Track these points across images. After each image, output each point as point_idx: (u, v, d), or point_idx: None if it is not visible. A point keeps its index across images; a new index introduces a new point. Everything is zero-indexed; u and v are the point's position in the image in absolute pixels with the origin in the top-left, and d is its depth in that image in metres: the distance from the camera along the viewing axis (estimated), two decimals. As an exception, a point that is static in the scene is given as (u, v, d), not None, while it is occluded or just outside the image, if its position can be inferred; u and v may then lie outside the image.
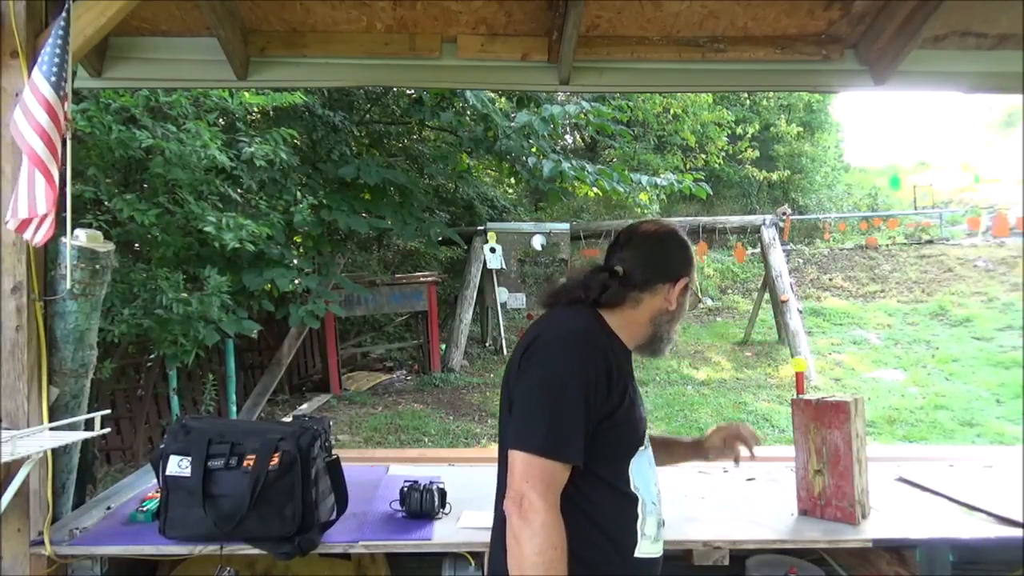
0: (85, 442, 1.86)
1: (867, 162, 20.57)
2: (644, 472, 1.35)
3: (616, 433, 1.29)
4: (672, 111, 9.43)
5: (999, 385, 7.92)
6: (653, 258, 1.39)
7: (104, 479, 4.61)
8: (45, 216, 1.61)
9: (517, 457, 1.20)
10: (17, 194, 1.60)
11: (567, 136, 12.66)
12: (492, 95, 6.75)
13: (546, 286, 1.45)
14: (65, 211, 1.67)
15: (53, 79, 1.61)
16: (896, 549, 1.76)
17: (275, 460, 1.66)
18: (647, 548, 1.32)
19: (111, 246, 1.92)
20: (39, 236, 1.63)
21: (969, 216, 14.16)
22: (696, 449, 1.76)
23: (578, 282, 1.38)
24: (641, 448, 1.35)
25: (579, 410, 1.21)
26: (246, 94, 4.73)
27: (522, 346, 1.32)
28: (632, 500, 1.31)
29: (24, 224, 1.61)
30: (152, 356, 4.94)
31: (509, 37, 2.38)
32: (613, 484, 1.30)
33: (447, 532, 1.75)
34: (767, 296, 9.83)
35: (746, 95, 13.92)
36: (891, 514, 1.87)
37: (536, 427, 1.20)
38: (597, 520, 1.26)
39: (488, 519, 1.79)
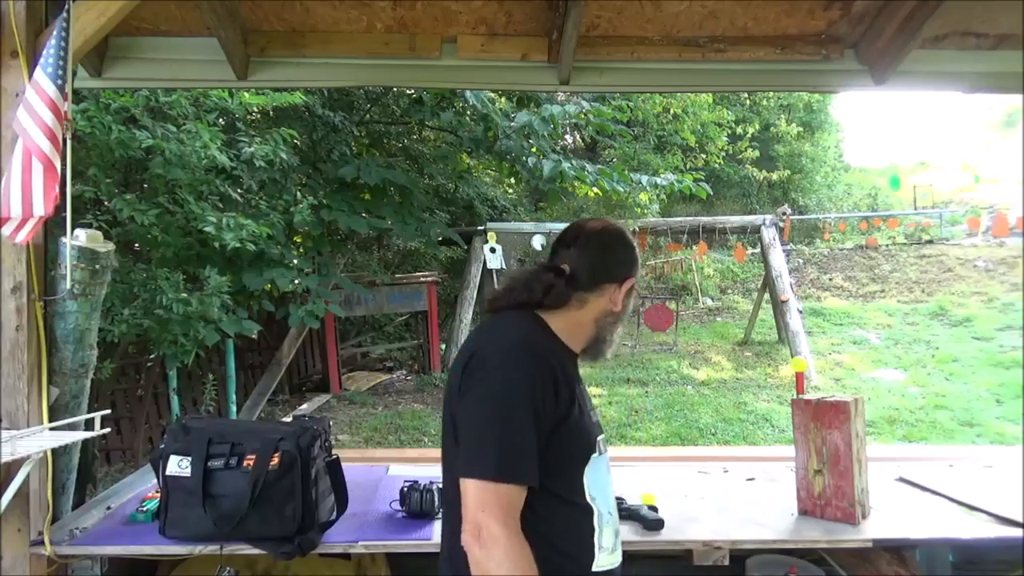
0: (85, 442, 1.86)
1: (867, 162, 20.60)
2: (600, 480, 1.30)
3: (567, 444, 1.23)
4: (672, 111, 9.42)
5: (999, 385, 7.92)
6: (600, 258, 1.34)
7: (104, 479, 4.61)
8: (40, 218, 1.61)
9: (469, 486, 1.13)
10: (9, 190, 1.59)
11: (567, 136, 12.65)
12: (492, 95, 6.75)
13: (489, 292, 1.39)
14: (65, 211, 1.67)
15: (59, 81, 1.61)
16: (896, 549, 1.76)
17: (275, 460, 1.66)
18: (605, 560, 1.27)
19: (111, 246, 1.92)
20: (21, 235, 1.62)
21: (969, 216, 14.17)
22: None
23: (522, 283, 1.32)
24: (595, 455, 1.29)
25: (530, 427, 1.15)
26: (246, 94, 4.73)
27: (460, 362, 1.25)
28: (588, 512, 1.26)
29: (3, 220, 1.60)
30: (152, 356, 4.94)
31: (509, 37, 2.38)
32: (567, 497, 1.24)
33: (447, 532, 1.75)
34: (767, 296, 9.83)
35: (746, 95, 13.92)
36: (891, 514, 1.87)
37: (486, 451, 1.13)
38: (552, 538, 1.20)
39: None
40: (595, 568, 1.25)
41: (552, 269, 1.33)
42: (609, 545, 1.29)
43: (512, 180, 9.99)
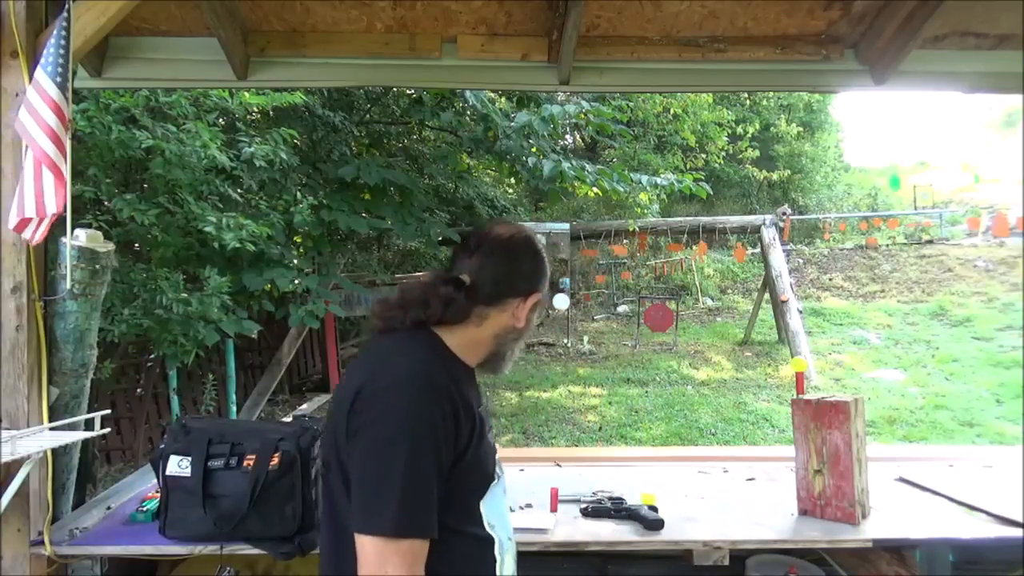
0: (85, 442, 1.86)
1: (867, 162, 20.59)
2: (498, 506, 1.21)
3: (465, 478, 1.12)
4: (672, 111, 9.42)
5: (999, 385, 7.92)
6: (505, 270, 1.21)
7: (104, 479, 4.61)
8: (53, 215, 1.61)
9: (367, 544, 1.01)
10: (23, 193, 1.60)
11: (567, 136, 12.65)
12: (492, 95, 6.75)
13: (377, 306, 1.22)
14: (65, 211, 1.67)
15: (59, 80, 1.61)
16: (896, 549, 1.76)
17: (275, 460, 1.66)
18: None
19: (111, 246, 1.92)
20: (37, 235, 1.63)
21: (969, 216, 14.16)
22: None
23: (417, 299, 1.17)
24: (493, 483, 1.20)
25: (431, 473, 1.04)
26: (246, 94, 4.73)
27: (347, 397, 1.09)
28: (488, 543, 1.16)
29: (23, 223, 1.61)
30: (152, 356, 4.94)
31: (509, 37, 2.38)
32: (465, 531, 1.14)
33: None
34: (767, 296, 9.83)
35: (746, 95, 13.92)
36: (891, 514, 1.87)
37: (384, 504, 1.01)
38: (456, 573, 1.12)
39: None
40: None
41: (451, 281, 1.19)
42: (511, 573, 1.21)
43: (512, 180, 9.99)
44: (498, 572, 1.16)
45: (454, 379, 1.13)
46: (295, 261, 5.37)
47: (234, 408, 6.13)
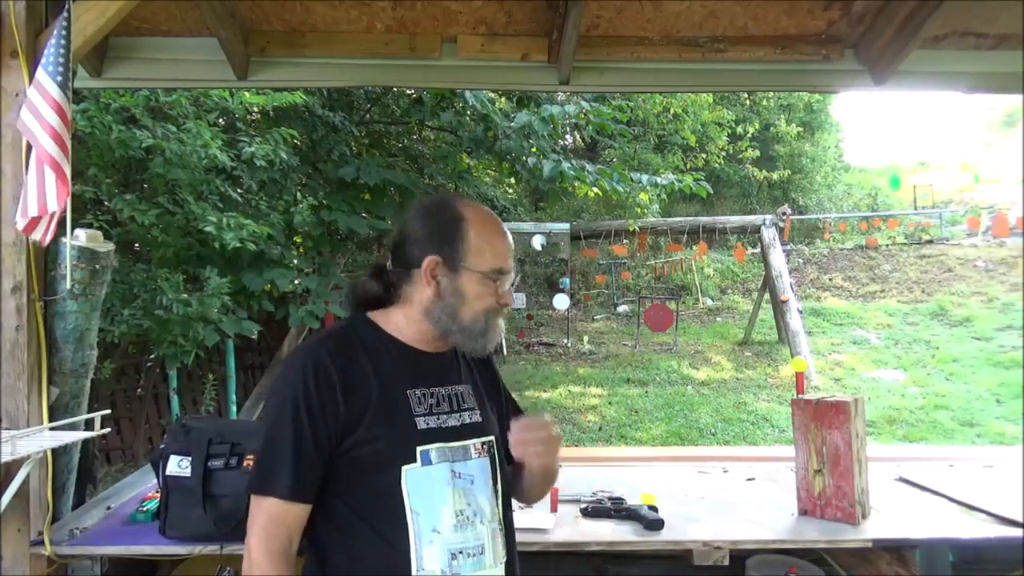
0: (85, 442, 1.86)
1: (867, 162, 20.56)
2: (428, 492, 1.14)
3: (364, 451, 1.12)
4: (672, 111, 9.42)
5: (999, 385, 7.92)
6: (401, 242, 1.22)
7: (104, 479, 4.61)
8: (53, 214, 1.61)
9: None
10: (27, 193, 1.60)
11: (567, 136, 12.65)
12: (492, 95, 6.74)
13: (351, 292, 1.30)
14: (66, 210, 1.67)
15: (59, 79, 1.61)
16: (896, 549, 1.76)
17: (275, 460, 1.66)
18: None
19: (111, 246, 1.92)
20: (45, 234, 1.63)
21: (969, 216, 14.16)
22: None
23: (346, 290, 1.29)
24: (412, 465, 1.14)
25: (287, 438, 1.10)
26: (246, 94, 4.72)
27: None
28: (399, 529, 1.11)
29: (33, 223, 1.61)
30: (152, 356, 4.94)
31: (509, 37, 2.38)
32: (370, 514, 1.12)
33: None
34: (767, 296, 9.83)
35: (746, 95, 13.92)
36: (891, 514, 1.87)
37: (254, 467, 1.15)
38: (355, 556, 1.12)
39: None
40: None
41: (376, 267, 1.28)
42: (440, 568, 1.12)
43: (512, 180, 9.98)
44: (413, 563, 1.10)
45: (356, 358, 1.16)
46: (295, 261, 5.37)
47: (234, 408, 6.12)
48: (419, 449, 1.16)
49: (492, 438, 1.28)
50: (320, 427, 1.11)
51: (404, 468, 1.14)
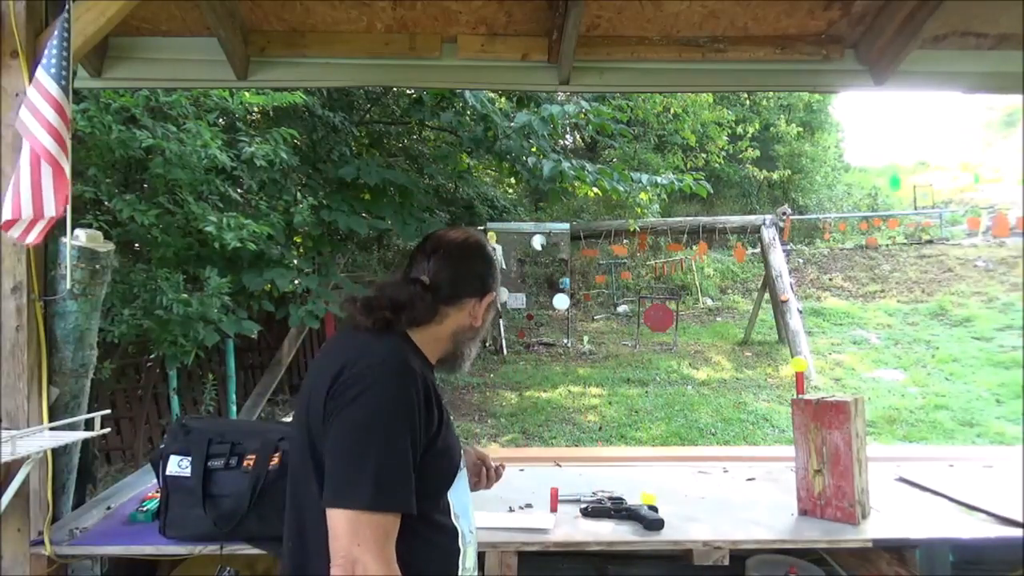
0: (85, 442, 1.86)
1: (867, 162, 20.57)
2: (463, 498, 1.26)
3: (436, 464, 1.17)
4: (672, 111, 9.42)
5: (999, 385, 7.92)
6: (462, 271, 1.28)
7: (104, 479, 4.61)
8: (51, 217, 1.61)
9: (340, 517, 1.04)
10: (18, 192, 1.59)
11: (567, 136, 12.66)
12: (492, 95, 6.74)
13: (359, 304, 1.23)
14: (65, 211, 1.67)
15: (60, 79, 1.61)
16: (896, 549, 1.76)
17: (275, 460, 1.66)
18: None
19: (111, 246, 1.92)
20: (31, 236, 1.62)
21: (969, 216, 14.16)
22: None
23: (403, 301, 1.21)
24: (460, 472, 1.25)
25: (406, 451, 1.08)
26: (246, 94, 4.72)
27: (324, 381, 1.13)
28: (453, 534, 1.20)
29: (9, 224, 1.60)
30: (152, 356, 4.94)
31: (509, 37, 2.38)
32: (434, 519, 1.18)
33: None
34: (767, 296, 9.83)
35: (746, 95, 13.92)
36: (891, 514, 1.87)
37: (361, 479, 1.05)
38: (418, 563, 1.13)
39: (487, 518, 1.80)
40: None
41: (416, 282, 1.25)
42: (471, 566, 1.25)
43: (512, 180, 9.99)
44: (460, 562, 1.20)
45: (423, 371, 1.19)
46: (295, 261, 5.37)
47: (234, 408, 6.12)
48: (460, 457, 1.28)
49: None
50: (420, 442, 1.12)
51: (457, 474, 1.24)
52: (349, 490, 1.05)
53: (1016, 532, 1.72)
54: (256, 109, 5.67)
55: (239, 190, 5.03)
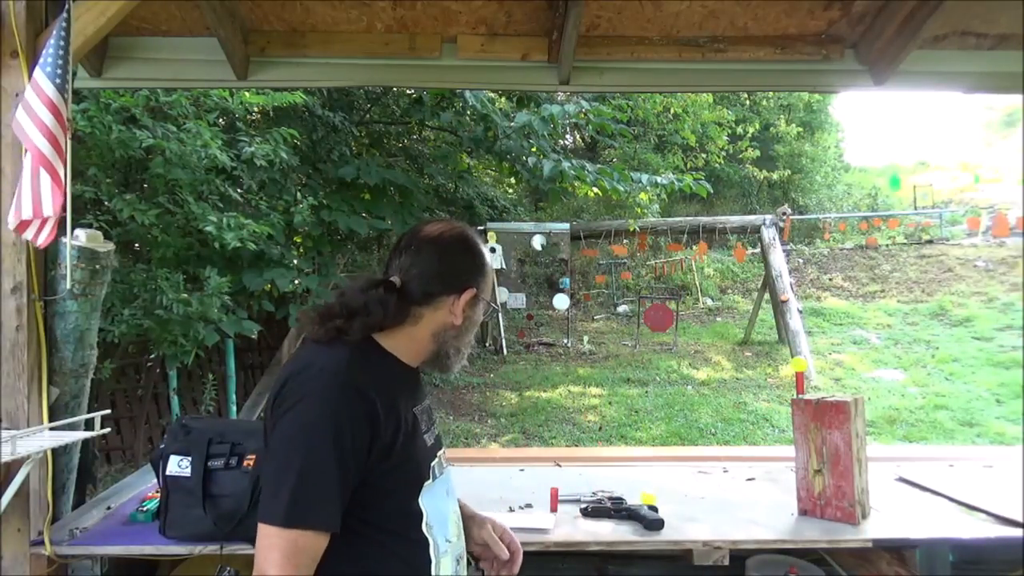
0: (85, 442, 1.86)
1: (867, 162, 20.57)
2: (439, 506, 1.21)
3: (393, 477, 1.13)
4: (672, 111, 9.42)
5: (999, 385, 7.92)
6: (435, 267, 1.20)
7: (104, 479, 4.61)
8: (48, 218, 1.61)
9: (260, 531, 1.02)
10: (20, 194, 1.60)
11: (567, 136, 12.66)
12: (492, 95, 6.75)
13: (313, 315, 1.18)
14: (65, 211, 1.67)
15: (58, 80, 1.61)
16: (896, 549, 1.76)
17: (275, 460, 1.66)
18: None
19: (111, 246, 1.92)
20: (41, 237, 1.63)
21: (969, 216, 14.16)
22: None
23: (360, 307, 1.15)
24: (428, 482, 1.19)
25: (331, 467, 1.03)
26: (246, 94, 4.72)
27: (272, 393, 1.12)
28: (422, 545, 1.15)
29: (24, 225, 1.61)
30: (152, 356, 4.94)
31: (509, 37, 2.38)
32: (397, 532, 1.14)
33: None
34: (767, 296, 9.83)
35: (746, 95, 13.92)
36: (891, 514, 1.87)
37: (280, 494, 1.02)
38: (380, 574, 1.12)
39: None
40: None
41: (381, 284, 1.18)
42: (451, 572, 1.21)
43: (512, 180, 9.99)
44: (432, 573, 1.15)
45: (379, 379, 1.13)
46: (295, 261, 5.37)
47: (234, 408, 6.12)
48: (432, 465, 1.22)
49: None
50: (360, 455, 1.07)
51: (425, 484, 1.18)
52: (268, 505, 1.03)
53: (1016, 532, 1.72)
54: (256, 109, 5.67)
55: (239, 190, 5.03)
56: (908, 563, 1.73)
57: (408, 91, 7.13)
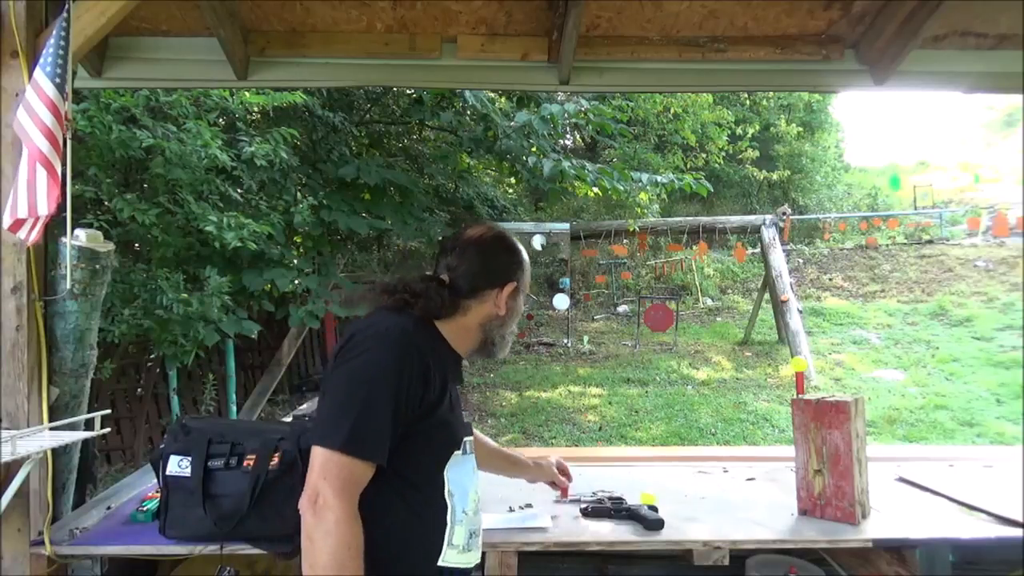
0: (85, 442, 1.86)
1: (867, 162, 20.56)
2: (463, 480, 1.34)
3: (431, 434, 1.27)
4: (672, 111, 9.42)
5: (999, 385, 7.92)
6: (478, 265, 1.37)
7: (104, 479, 4.61)
8: (40, 217, 1.61)
9: (318, 454, 1.16)
10: (16, 193, 1.60)
11: (567, 136, 12.65)
12: (492, 95, 6.75)
13: (375, 289, 1.39)
14: (65, 211, 1.67)
15: (58, 80, 1.61)
16: (896, 549, 1.76)
17: (275, 460, 1.66)
18: (454, 558, 1.30)
19: (111, 246, 1.92)
20: (32, 235, 1.63)
21: (969, 216, 14.16)
22: (524, 469, 1.88)
23: (420, 292, 1.32)
24: (459, 453, 1.33)
25: (387, 407, 1.18)
26: (246, 94, 4.73)
27: (338, 345, 1.27)
28: (441, 507, 1.29)
29: (18, 223, 1.61)
30: (152, 356, 4.94)
31: (509, 37, 2.38)
32: (421, 488, 1.27)
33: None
34: (767, 296, 9.83)
35: (746, 95, 13.91)
36: (891, 514, 1.87)
37: (340, 423, 1.16)
38: (397, 523, 1.24)
39: (487, 519, 1.80)
40: (441, 562, 1.28)
41: (435, 280, 1.35)
42: (461, 543, 1.31)
43: (512, 180, 9.99)
44: (446, 537, 1.28)
45: (434, 350, 1.29)
46: (295, 261, 5.37)
47: (234, 408, 6.12)
48: (465, 440, 1.37)
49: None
50: (413, 403, 1.21)
51: (456, 454, 1.32)
52: (329, 431, 1.17)
53: (1016, 532, 1.72)
54: (256, 109, 5.67)
55: (239, 190, 5.03)
56: (908, 563, 1.72)
57: (408, 91, 7.13)
